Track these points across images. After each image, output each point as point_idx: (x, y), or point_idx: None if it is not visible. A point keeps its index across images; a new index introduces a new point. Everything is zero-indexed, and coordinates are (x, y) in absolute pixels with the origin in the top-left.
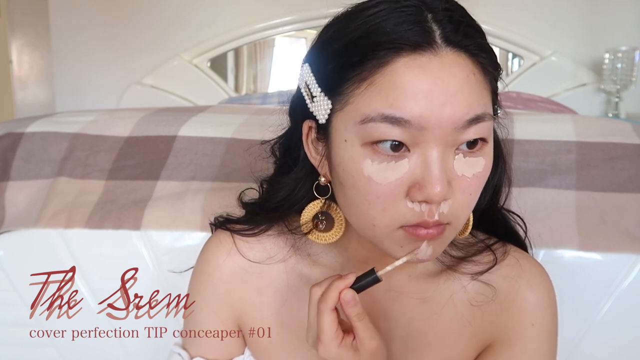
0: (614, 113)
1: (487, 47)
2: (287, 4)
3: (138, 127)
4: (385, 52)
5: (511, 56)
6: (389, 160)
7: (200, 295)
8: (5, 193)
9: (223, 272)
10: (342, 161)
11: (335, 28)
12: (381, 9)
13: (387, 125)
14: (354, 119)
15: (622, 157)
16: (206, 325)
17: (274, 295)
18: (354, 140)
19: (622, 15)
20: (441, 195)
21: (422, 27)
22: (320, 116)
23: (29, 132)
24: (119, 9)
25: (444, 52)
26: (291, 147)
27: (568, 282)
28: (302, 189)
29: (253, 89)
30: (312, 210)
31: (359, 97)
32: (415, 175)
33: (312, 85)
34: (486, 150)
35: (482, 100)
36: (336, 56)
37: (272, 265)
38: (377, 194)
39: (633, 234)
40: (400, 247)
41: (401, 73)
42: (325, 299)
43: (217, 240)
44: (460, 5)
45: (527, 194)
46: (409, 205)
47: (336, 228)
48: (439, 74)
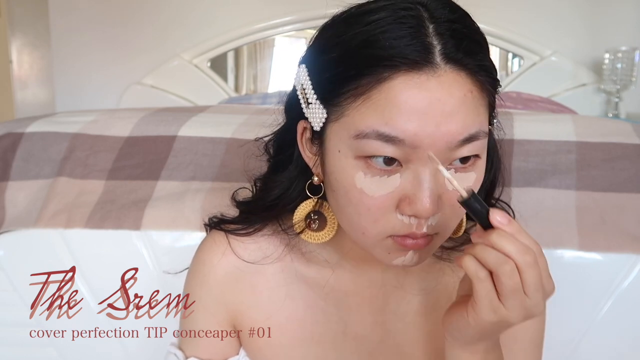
0: (614, 113)
1: (488, 65)
2: (287, 4)
3: (138, 127)
4: (382, 69)
5: (511, 56)
6: (381, 174)
7: (195, 295)
8: (5, 193)
9: (218, 272)
10: (334, 170)
11: (333, 31)
12: (381, 16)
13: (381, 142)
14: (349, 133)
15: (622, 157)
16: (202, 325)
17: (269, 295)
18: (348, 153)
19: (622, 15)
20: (430, 212)
21: (422, 42)
22: (315, 124)
23: (29, 132)
24: (119, 9)
25: (443, 70)
26: (285, 145)
27: (568, 282)
28: (296, 188)
29: (253, 89)
30: (305, 209)
31: (355, 111)
32: (406, 190)
33: (308, 90)
34: (478, 164)
35: (478, 118)
36: (333, 66)
37: (268, 265)
38: (368, 206)
39: (633, 234)
40: (388, 254)
41: (398, 91)
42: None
43: (212, 240)
44: (465, 13)
45: (527, 194)
46: (399, 217)
47: (329, 227)
48: (436, 93)
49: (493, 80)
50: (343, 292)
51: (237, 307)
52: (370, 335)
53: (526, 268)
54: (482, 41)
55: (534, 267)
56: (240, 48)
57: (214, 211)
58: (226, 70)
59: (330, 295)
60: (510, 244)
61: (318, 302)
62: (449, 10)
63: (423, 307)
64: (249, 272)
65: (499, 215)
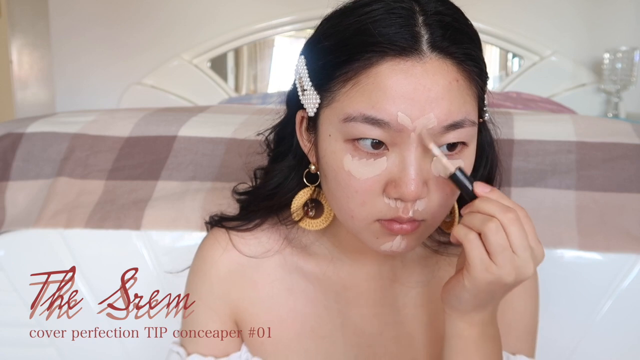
0: (614, 113)
1: (475, 55)
2: (287, 4)
3: (138, 127)
4: (371, 54)
5: (511, 56)
6: (368, 157)
7: (198, 293)
8: (5, 193)
9: (220, 269)
10: (325, 154)
11: (330, 23)
12: (375, 8)
13: (367, 125)
14: (338, 117)
15: (622, 157)
16: (204, 322)
17: (270, 289)
18: (337, 136)
19: (622, 15)
20: (414, 195)
21: (410, 31)
22: (310, 109)
23: (29, 132)
24: (119, 9)
25: (429, 58)
26: (285, 136)
27: (568, 282)
28: (294, 177)
29: (253, 89)
30: (303, 197)
31: (344, 95)
32: (393, 174)
33: (304, 78)
34: (466, 152)
35: (464, 107)
36: (327, 53)
37: (268, 260)
38: (355, 189)
39: (633, 234)
40: (376, 239)
41: (385, 76)
42: None
43: (213, 237)
44: (456, 8)
45: (527, 194)
46: (385, 201)
47: (325, 215)
48: (421, 79)
49: (481, 71)
50: (341, 286)
51: (239, 303)
52: (369, 328)
53: (509, 224)
54: (472, 34)
55: (516, 223)
56: (240, 48)
57: (215, 210)
58: (226, 71)
59: (329, 289)
60: (492, 205)
61: (318, 296)
62: (440, 4)
63: (420, 299)
64: (250, 267)
65: (482, 186)
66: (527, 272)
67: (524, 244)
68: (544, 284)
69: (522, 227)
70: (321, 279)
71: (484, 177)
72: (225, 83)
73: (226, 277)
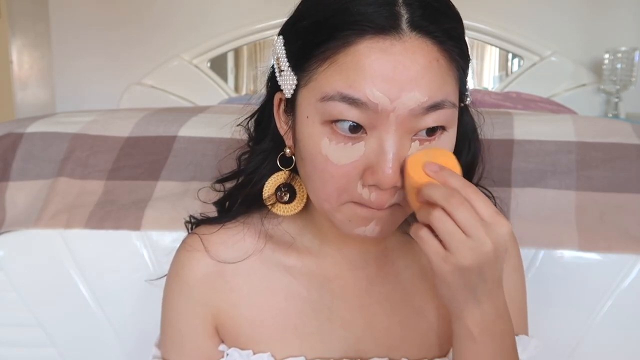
0: (614, 113)
1: (456, 35)
2: (287, 4)
3: (138, 127)
4: (349, 33)
5: (511, 56)
6: (345, 141)
7: (176, 300)
8: (5, 193)
9: (198, 273)
10: (302, 137)
11: (310, 2)
12: None
13: (345, 105)
14: (315, 97)
15: (622, 157)
16: (185, 329)
17: (250, 290)
18: (315, 118)
19: (622, 16)
20: (391, 180)
21: (390, 10)
22: (287, 91)
23: (29, 132)
24: (119, 9)
25: (408, 37)
26: (264, 120)
27: (568, 282)
28: (270, 161)
29: (253, 89)
30: (276, 181)
31: (322, 74)
32: (370, 160)
33: (282, 59)
34: (445, 138)
35: (445, 88)
36: (305, 33)
37: (247, 260)
38: (332, 174)
39: (633, 234)
40: (349, 222)
41: (363, 55)
42: None
43: (189, 243)
44: None
45: (527, 194)
46: (360, 190)
47: (298, 199)
48: (400, 58)
49: (462, 51)
50: (325, 278)
51: (219, 305)
52: (356, 320)
53: (453, 209)
54: (453, 14)
55: (461, 205)
56: (240, 48)
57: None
58: (226, 71)
59: (312, 282)
60: (435, 191)
61: (301, 291)
62: None
63: (409, 283)
64: (229, 269)
65: (430, 165)
66: (486, 250)
67: (473, 223)
68: (544, 284)
69: (468, 207)
70: (304, 272)
71: (468, 163)
72: (225, 83)
73: (204, 281)
